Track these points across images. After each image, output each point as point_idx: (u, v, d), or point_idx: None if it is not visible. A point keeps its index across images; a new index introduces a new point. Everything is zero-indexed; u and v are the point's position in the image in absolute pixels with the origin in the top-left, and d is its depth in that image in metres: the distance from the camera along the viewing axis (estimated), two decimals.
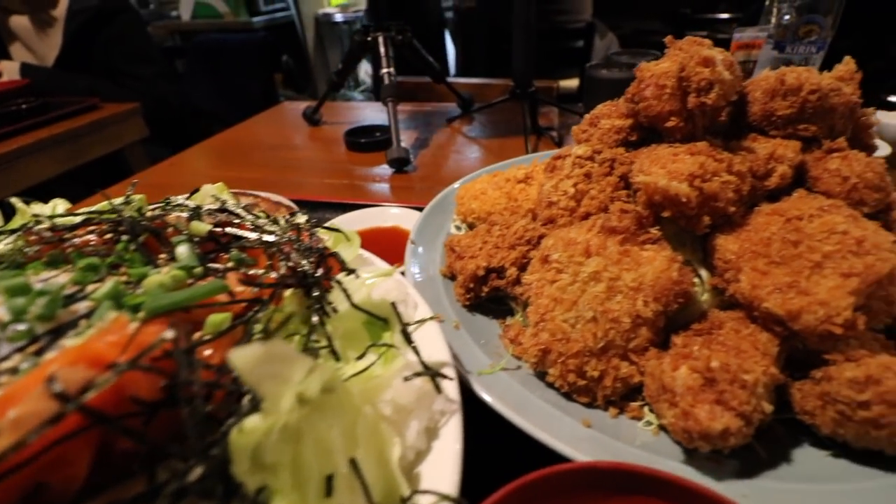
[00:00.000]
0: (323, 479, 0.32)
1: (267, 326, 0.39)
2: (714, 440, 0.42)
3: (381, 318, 0.43)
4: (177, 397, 0.31)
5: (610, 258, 0.54)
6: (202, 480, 0.28)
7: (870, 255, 0.46)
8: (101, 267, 0.42)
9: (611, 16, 3.93)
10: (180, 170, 1.54)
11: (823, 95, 0.54)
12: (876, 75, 1.98)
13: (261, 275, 0.43)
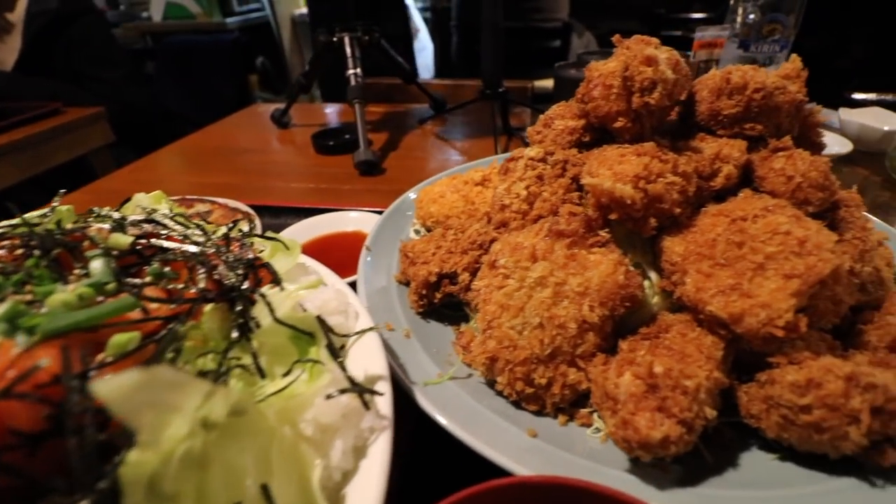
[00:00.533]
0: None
1: (179, 345, 0.37)
2: (654, 449, 0.42)
3: (307, 333, 0.41)
4: (63, 427, 0.29)
5: (556, 262, 0.53)
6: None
7: (812, 256, 0.45)
8: (6, 285, 0.39)
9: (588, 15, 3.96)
10: (142, 175, 1.50)
11: (768, 94, 0.54)
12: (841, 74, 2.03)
13: (180, 289, 0.41)
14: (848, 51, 1.95)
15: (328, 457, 0.37)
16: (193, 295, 0.41)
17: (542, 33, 3.51)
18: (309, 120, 1.86)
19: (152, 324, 0.38)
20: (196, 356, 0.37)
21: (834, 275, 0.49)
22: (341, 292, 0.53)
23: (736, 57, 1.44)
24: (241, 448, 0.33)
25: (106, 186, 1.43)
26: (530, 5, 3.51)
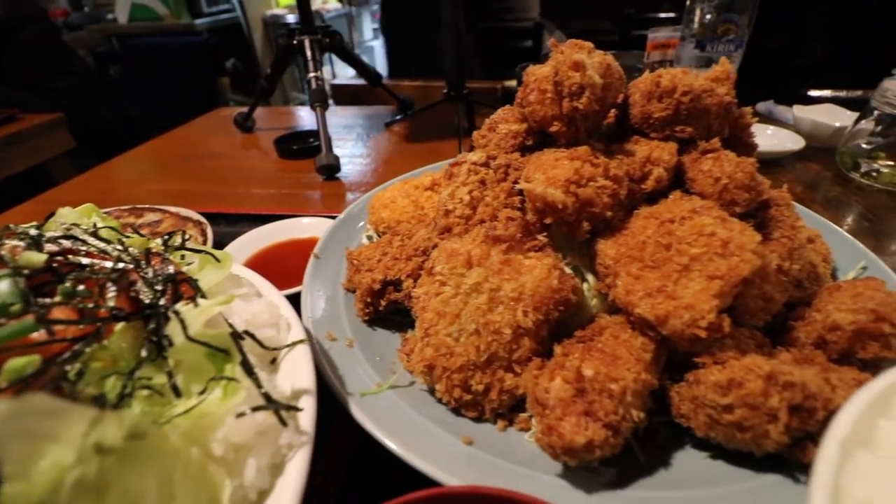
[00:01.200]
0: None
1: (83, 367, 0.35)
2: (579, 454, 0.42)
3: (221, 350, 0.40)
4: None
5: (491, 268, 0.53)
6: None
7: (734, 257, 0.46)
8: None
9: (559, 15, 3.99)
10: (99, 184, 1.46)
11: (696, 97, 0.55)
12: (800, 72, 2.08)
13: (91, 308, 0.40)
14: (806, 49, 2.00)
15: (241, 476, 0.36)
16: (103, 314, 0.39)
17: (514, 33, 3.53)
18: (274, 124, 1.84)
19: (58, 346, 0.37)
20: (101, 378, 0.36)
21: (760, 274, 0.51)
22: (273, 304, 0.52)
23: (693, 57, 1.47)
24: (142, 473, 0.32)
25: (59, 197, 1.39)
26: (501, 6, 3.53)
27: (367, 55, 6.01)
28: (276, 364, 0.49)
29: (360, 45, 5.84)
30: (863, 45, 1.96)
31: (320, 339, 0.60)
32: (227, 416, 0.36)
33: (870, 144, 1.23)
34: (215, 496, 0.34)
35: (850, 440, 0.33)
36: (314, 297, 0.68)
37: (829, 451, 0.32)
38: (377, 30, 6.07)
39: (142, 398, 0.36)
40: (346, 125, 1.80)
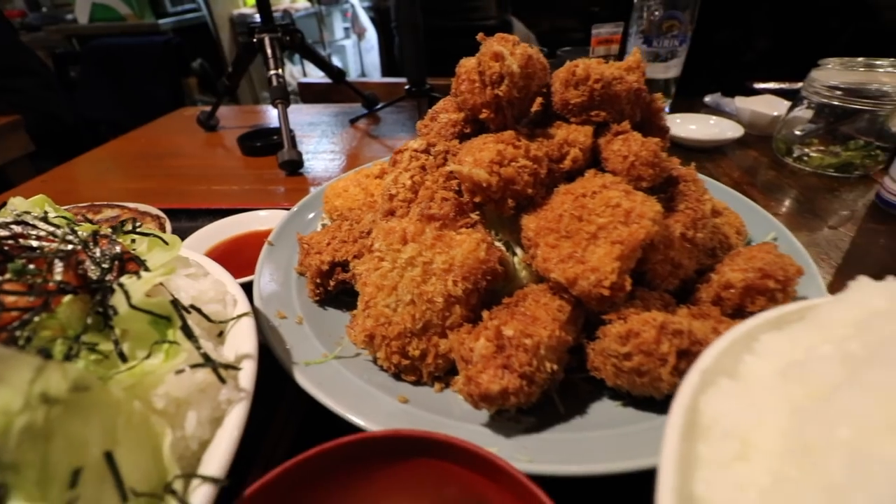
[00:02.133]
0: (71, 472, 0.33)
1: (31, 333, 0.39)
2: (495, 400, 0.47)
3: (163, 317, 0.44)
4: None
5: (425, 243, 0.58)
6: None
7: (634, 224, 0.52)
8: None
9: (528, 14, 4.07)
10: (56, 185, 1.46)
11: (607, 84, 0.61)
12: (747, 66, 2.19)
13: (38, 283, 0.43)
14: (752, 45, 2.12)
15: (183, 428, 0.40)
16: (52, 287, 0.43)
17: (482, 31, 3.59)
18: (238, 122, 1.86)
19: (7, 316, 0.41)
20: (49, 343, 0.40)
21: (664, 241, 0.57)
22: (219, 282, 0.56)
23: (641, 52, 1.55)
24: (86, 422, 0.36)
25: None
26: (468, 4, 3.60)
27: (339, 55, 6.01)
28: (223, 337, 0.53)
29: (331, 45, 5.83)
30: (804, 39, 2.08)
31: (270, 317, 0.64)
32: (168, 373, 0.40)
33: (802, 131, 1.33)
34: (157, 444, 0.38)
35: (713, 370, 0.39)
36: (266, 280, 0.72)
37: (691, 378, 0.38)
38: (348, 29, 6.08)
39: (87, 360, 0.39)
40: (312, 122, 1.83)
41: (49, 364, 0.33)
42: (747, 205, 0.84)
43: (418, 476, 0.43)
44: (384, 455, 0.43)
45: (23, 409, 0.32)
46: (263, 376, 0.49)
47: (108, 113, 3.21)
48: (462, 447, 0.41)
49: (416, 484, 0.43)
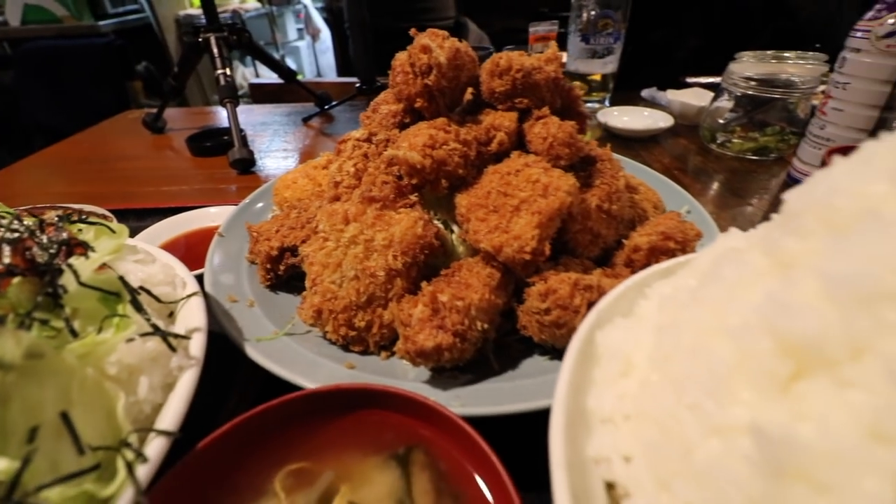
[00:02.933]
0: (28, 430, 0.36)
1: None
2: (430, 356, 0.53)
3: (112, 293, 0.47)
4: None
5: (366, 223, 0.63)
6: None
7: (551, 196, 0.59)
8: None
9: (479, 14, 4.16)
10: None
11: (527, 73, 0.68)
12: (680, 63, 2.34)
13: None
14: (685, 43, 2.27)
15: (136, 392, 0.43)
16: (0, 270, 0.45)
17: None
18: (187, 124, 1.84)
19: None
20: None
21: (582, 212, 0.64)
22: (168, 265, 0.59)
23: (580, 49, 1.65)
24: (41, 385, 0.39)
25: None
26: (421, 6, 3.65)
27: (293, 56, 5.94)
28: (174, 317, 0.56)
29: (284, 46, 5.76)
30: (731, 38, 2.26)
31: (221, 301, 0.67)
32: (119, 343, 0.43)
33: (724, 120, 1.45)
34: (111, 406, 0.41)
35: (610, 311, 0.46)
36: (217, 267, 0.74)
37: (589, 317, 0.45)
38: (302, 30, 6.02)
39: (39, 335, 0.42)
40: (264, 122, 1.83)
41: (2, 331, 0.36)
42: (664, 182, 0.93)
43: (359, 426, 0.48)
44: (327, 409, 0.47)
45: None
46: (218, 359, 0.53)
47: (47, 119, 3.08)
48: (398, 394, 0.47)
49: (357, 433, 0.47)
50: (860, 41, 1.05)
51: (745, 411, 0.26)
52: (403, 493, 0.42)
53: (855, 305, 0.24)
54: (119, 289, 0.47)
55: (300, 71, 5.92)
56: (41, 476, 0.35)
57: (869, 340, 0.23)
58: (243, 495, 0.42)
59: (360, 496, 0.42)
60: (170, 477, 0.39)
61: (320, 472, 0.44)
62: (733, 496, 0.24)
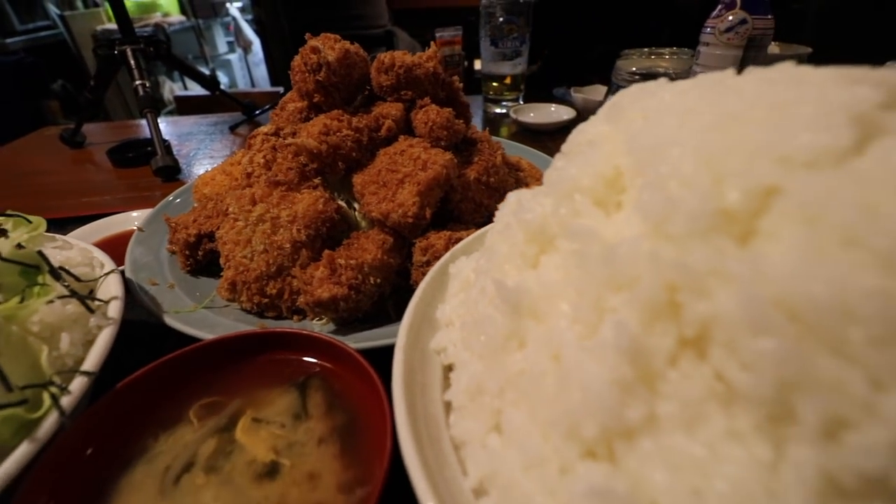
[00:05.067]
0: None
1: None
2: (327, 305, 0.63)
3: (32, 266, 0.54)
4: None
5: (272, 203, 0.73)
6: None
7: (429, 169, 0.71)
8: None
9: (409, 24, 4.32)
10: None
11: (408, 69, 0.80)
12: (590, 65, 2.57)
13: None
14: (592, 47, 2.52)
15: (58, 347, 0.51)
16: None
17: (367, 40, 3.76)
18: (108, 137, 1.84)
19: None
20: None
21: (461, 183, 0.76)
22: (86, 250, 0.66)
23: (491, 53, 1.81)
24: None
25: None
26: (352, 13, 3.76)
27: (225, 69, 5.87)
28: (93, 294, 0.63)
29: (214, 59, 5.68)
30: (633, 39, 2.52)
31: (141, 283, 0.74)
32: (40, 305, 0.51)
33: None
34: (35, 357, 0.49)
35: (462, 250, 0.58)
36: (137, 257, 0.81)
37: (445, 255, 0.57)
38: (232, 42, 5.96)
39: None
40: (189, 132, 1.87)
41: None
42: (546, 160, 1.09)
43: (265, 366, 0.57)
44: (236, 353, 0.56)
45: None
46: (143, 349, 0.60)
47: None
48: (298, 334, 0.56)
49: (263, 372, 0.56)
50: (708, 36, 1.26)
51: (511, 281, 0.38)
52: (300, 408, 0.52)
53: (560, 197, 0.37)
54: (38, 262, 0.54)
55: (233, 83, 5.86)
56: None
57: (566, 220, 0.36)
58: (161, 424, 0.50)
59: (262, 414, 0.51)
60: (92, 409, 0.47)
61: (229, 403, 0.53)
62: (496, 328, 0.36)
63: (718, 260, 0.24)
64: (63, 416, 0.44)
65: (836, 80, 0.29)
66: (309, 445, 0.47)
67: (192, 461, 0.46)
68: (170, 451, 0.47)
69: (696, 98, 0.34)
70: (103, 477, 0.44)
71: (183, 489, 0.44)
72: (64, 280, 0.54)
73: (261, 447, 0.47)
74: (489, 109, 1.92)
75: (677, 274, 0.26)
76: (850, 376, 0.21)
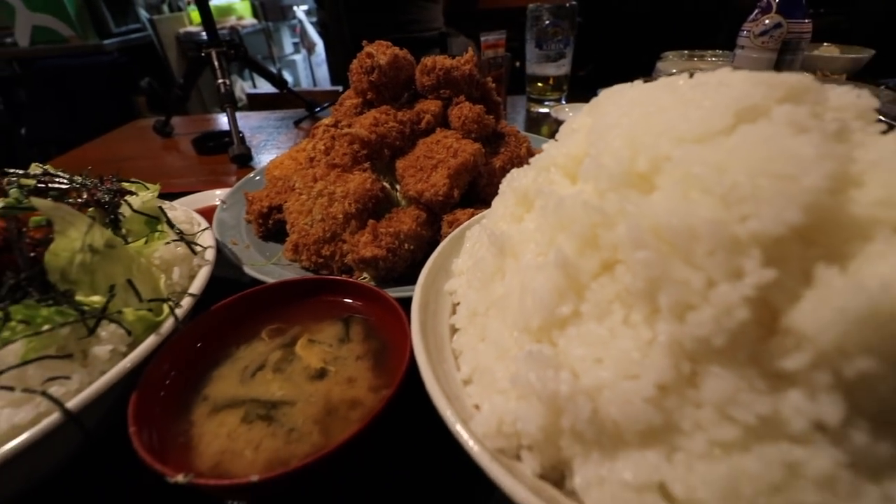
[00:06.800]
0: (108, 287, 0.62)
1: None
2: (369, 262, 0.78)
3: (154, 217, 0.73)
4: (11, 247, 0.59)
5: (329, 181, 0.89)
6: (28, 279, 0.57)
7: (459, 156, 0.85)
8: None
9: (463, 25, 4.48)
10: None
11: (447, 71, 0.94)
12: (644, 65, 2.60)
13: (71, 201, 0.71)
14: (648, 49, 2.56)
15: (171, 276, 0.69)
16: (81, 202, 0.71)
17: (421, 42, 3.96)
18: (191, 129, 2.12)
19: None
20: None
21: (487, 171, 0.90)
22: (187, 211, 0.85)
23: (536, 54, 1.93)
24: (114, 263, 0.64)
25: None
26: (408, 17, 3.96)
27: (290, 69, 6.29)
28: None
29: (281, 60, 6.11)
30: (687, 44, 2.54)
31: (226, 243, 0.93)
32: (160, 245, 0.69)
33: None
34: (157, 283, 0.67)
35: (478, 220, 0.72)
36: (222, 221, 1.00)
37: (464, 224, 0.70)
38: (297, 43, 6.38)
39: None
40: (259, 126, 2.11)
41: (94, 224, 0.62)
42: None
43: (318, 305, 0.73)
44: (297, 294, 0.73)
45: (79, 251, 0.61)
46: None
47: (58, 133, 3.39)
48: (346, 282, 0.72)
49: (316, 309, 0.72)
50: (744, 39, 1.31)
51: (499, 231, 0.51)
52: (344, 335, 0.67)
53: (540, 170, 0.49)
54: (158, 214, 0.73)
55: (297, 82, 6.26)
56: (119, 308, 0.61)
57: (542, 186, 0.48)
58: (242, 338, 0.67)
59: (315, 337, 0.67)
60: (195, 321, 0.65)
61: (291, 329, 0.69)
62: (487, 266, 0.49)
63: (622, 205, 0.37)
64: (177, 321, 0.62)
65: (747, 82, 0.40)
66: (349, 360, 0.62)
67: (263, 364, 0.63)
68: (247, 356, 0.64)
69: (646, 95, 0.46)
70: (201, 367, 0.62)
71: (256, 381, 0.60)
72: (176, 229, 0.72)
73: (314, 358, 0.63)
74: (532, 108, 2.03)
75: (598, 215, 0.38)
76: (693, 276, 0.33)
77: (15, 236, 0.60)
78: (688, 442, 0.33)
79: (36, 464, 0.50)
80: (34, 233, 0.63)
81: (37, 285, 0.58)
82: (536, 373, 0.36)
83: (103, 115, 3.52)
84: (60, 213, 0.58)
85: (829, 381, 0.30)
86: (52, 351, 0.54)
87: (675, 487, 0.32)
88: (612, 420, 0.34)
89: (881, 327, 0.28)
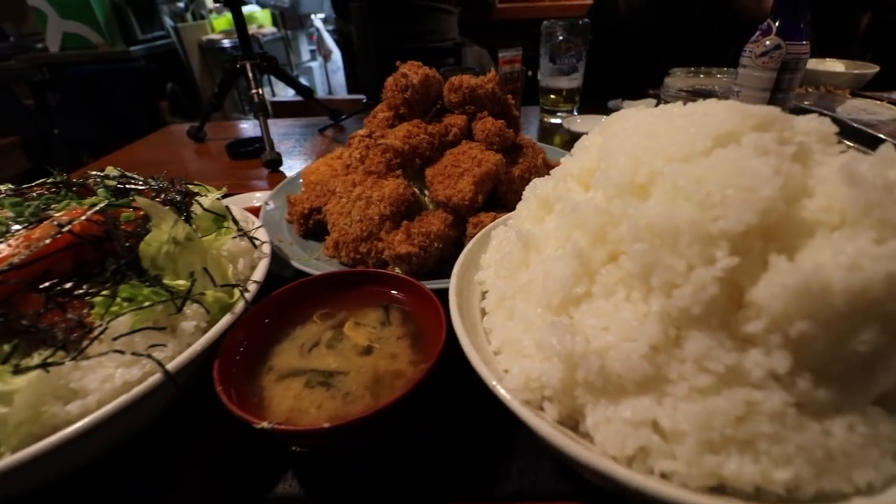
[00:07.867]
0: (189, 273, 0.73)
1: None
2: (403, 258, 0.89)
3: (221, 215, 0.85)
4: (110, 236, 0.71)
5: (366, 186, 1.01)
6: (127, 265, 0.69)
7: (483, 166, 0.96)
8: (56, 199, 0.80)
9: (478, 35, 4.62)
10: None
11: (472, 89, 1.05)
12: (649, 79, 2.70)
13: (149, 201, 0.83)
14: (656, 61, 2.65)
15: (237, 267, 0.81)
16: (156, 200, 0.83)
17: (437, 52, 4.10)
18: (220, 134, 2.26)
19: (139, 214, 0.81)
20: None
21: (507, 179, 1.01)
22: (242, 211, 0.97)
23: (550, 68, 2.04)
24: (192, 254, 0.76)
25: None
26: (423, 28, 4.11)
27: (307, 76, 6.47)
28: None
29: (298, 66, 6.30)
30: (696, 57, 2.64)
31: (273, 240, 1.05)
32: (228, 239, 0.81)
33: None
34: (225, 271, 0.78)
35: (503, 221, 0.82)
36: (268, 223, 1.12)
37: (489, 225, 0.81)
38: (314, 51, 6.57)
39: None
40: (286, 133, 2.25)
41: (179, 220, 0.73)
42: None
43: (362, 293, 0.84)
44: (343, 284, 0.84)
45: (165, 242, 0.73)
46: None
47: (89, 137, 3.56)
48: (385, 274, 0.83)
49: (360, 297, 0.83)
50: (746, 59, 1.41)
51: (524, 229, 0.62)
52: (385, 319, 0.78)
53: (558, 180, 0.60)
54: (225, 212, 0.85)
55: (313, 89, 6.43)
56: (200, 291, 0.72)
57: (560, 193, 0.59)
58: (297, 321, 0.78)
59: (361, 321, 0.78)
60: (259, 304, 0.76)
61: (339, 313, 0.80)
62: (514, 258, 0.60)
63: (625, 208, 0.47)
64: (247, 303, 0.73)
65: (727, 112, 0.51)
66: (391, 339, 0.73)
67: (317, 342, 0.74)
68: (303, 336, 0.75)
69: (646, 121, 0.57)
70: (266, 342, 0.73)
71: (313, 355, 0.71)
72: (239, 224, 0.84)
73: (360, 338, 0.74)
74: (545, 119, 2.14)
75: (606, 216, 0.49)
76: (677, 263, 0.43)
77: (113, 229, 0.72)
78: (673, 388, 0.43)
79: (141, 412, 0.62)
80: (126, 226, 0.75)
81: (133, 270, 0.70)
82: (557, 338, 0.47)
83: (131, 120, 3.70)
84: (155, 209, 0.70)
85: (779, 341, 0.40)
86: (151, 324, 0.65)
87: (664, 422, 0.43)
88: (616, 373, 0.44)
89: (814, 298, 0.38)
